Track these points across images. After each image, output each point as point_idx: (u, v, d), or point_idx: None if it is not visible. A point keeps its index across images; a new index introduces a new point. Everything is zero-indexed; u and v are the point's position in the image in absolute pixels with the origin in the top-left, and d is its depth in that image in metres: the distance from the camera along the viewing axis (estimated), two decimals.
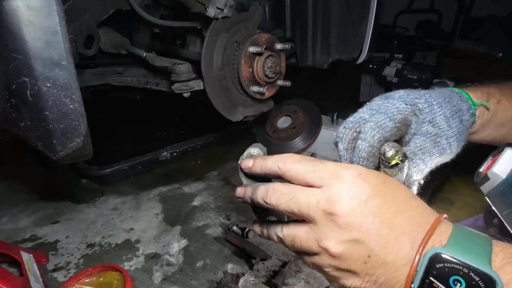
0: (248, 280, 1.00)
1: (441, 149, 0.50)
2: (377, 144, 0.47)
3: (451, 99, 0.53)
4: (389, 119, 0.48)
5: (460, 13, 3.09)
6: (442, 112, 0.51)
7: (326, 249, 0.38)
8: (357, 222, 0.37)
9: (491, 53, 2.40)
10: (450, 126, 0.51)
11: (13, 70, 0.57)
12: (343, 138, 0.50)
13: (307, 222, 0.40)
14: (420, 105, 0.50)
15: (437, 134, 0.50)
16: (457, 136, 0.52)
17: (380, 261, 0.37)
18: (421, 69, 1.87)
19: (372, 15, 1.21)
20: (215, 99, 1.04)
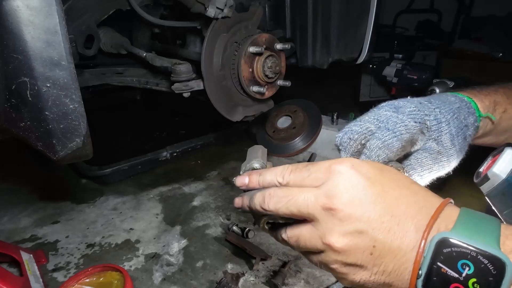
0: (248, 280, 1.00)
1: (440, 167, 0.51)
2: (381, 162, 0.47)
3: (459, 114, 0.52)
4: (396, 138, 0.46)
5: (460, 13, 3.09)
6: (449, 130, 0.50)
7: (330, 245, 0.37)
8: (357, 212, 0.36)
9: (491, 53, 2.39)
10: (453, 144, 0.51)
11: (13, 70, 0.58)
12: (347, 148, 0.49)
13: (309, 221, 0.40)
14: (429, 122, 0.49)
15: (439, 152, 0.50)
16: (458, 153, 0.52)
17: (386, 249, 0.36)
18: (421, 69, 1.87)
19: (372, 15, 1.22)
20: (215, 99, 1.04)
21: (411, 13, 3.14)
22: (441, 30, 3.15)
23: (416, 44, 2.71)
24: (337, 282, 0.95)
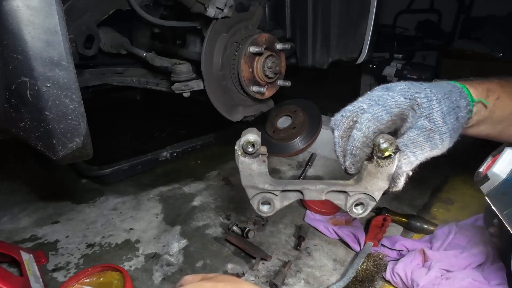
0: (248, 280, 1.00)
1: (433, 144, 0.51)
2: (372, 135, 0.49)
3: (451, 95, 0.54)
4: (386, 112, 0.49)
5: (460, 13, 3.09)
6: (440, 108, 0.52)
7: None
8: None
9: (491, 53, 2.39)
10: (445, 122, 0.52)
11: (13, 70, 0.58)
12: (339, 125, 0.51)
13: None
14: (419, 99, 0.51)
15: (431, 130, 0.51)
16: (451, 133, 0.53)
17: None
18: (421, 69, 1.87)
19: (372, 15, 1.22)
20: (215, 99, 1.04)
21: (411, 13, 3.14)
22: (441, 30, 3.15)
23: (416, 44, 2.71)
24: (337, 282, 0.96)
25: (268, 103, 1.22)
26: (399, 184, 0.52)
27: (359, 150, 0.50)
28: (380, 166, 0.49)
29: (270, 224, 1.24)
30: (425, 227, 1.13)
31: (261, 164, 0.52)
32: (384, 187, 0.52)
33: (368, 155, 0.51)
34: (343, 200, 0.54)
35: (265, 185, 0.52)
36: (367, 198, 0.53)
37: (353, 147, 0.50)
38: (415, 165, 0.52)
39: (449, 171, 1.64)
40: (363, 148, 0.50)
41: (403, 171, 0.51)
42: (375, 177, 0.50)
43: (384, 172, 0.50)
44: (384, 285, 0.96)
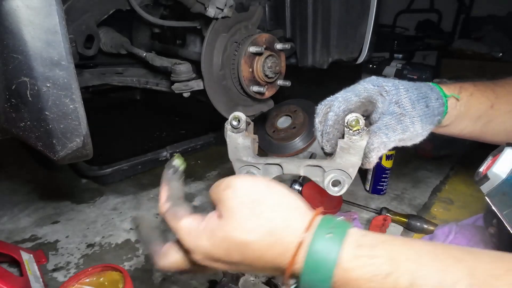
0: (248, 280, 1.00)
1: (404, 127, 0.56)
2: (342, 114, 0.55)
3: (420, 88, 0.59)
4: (355, 95, 0.56)
5: (460, 13, 3.09)
6: (408, 95, 0.57)
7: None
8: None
9: (491, 53, 2.40)
10: (414, 108, 0.56)
11: (13, 70, 0.57)
12: (319, 113, 0.58)
13: None
14: (387, 87, 0.57)
15: (401, 114, 0.56)
16: (422, 117, 0.57)
17: None
18: (421, 69, 1.87)
19: (372, 15, 1.21)
20: (215, 99, 1.04)
21: (411, 13, 3.14)
22: (441, 30, 3.15)
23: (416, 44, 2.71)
24: None
25: (268, 103, 1.22)
26: (371, 159, 0.56)
27: (331, 128, 0.56)
28: (351, 141, 0.54)
29: None
30: (425, 227, 1.13)
31: (246, 138, 0.57)
32: (357, 162, 0.55)
33: (341, 133, 0.56)
34: (321, 177, 0.58)
35: (249, 158, 0.57)
36: (343, 175, 0.57)
37: (327, 126, 0.56)
38: (389, 146, 0.56)
39: (449, 171, 1.64)
40: (335, 125, 0.56)
41: (375, 147, 0.55)
42: (347, 152, 0.55)
43: (356, 148, 0.54)
44: None
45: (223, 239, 0.39)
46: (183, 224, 0.43)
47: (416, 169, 1.65)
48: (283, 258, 0.37)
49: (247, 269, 0.41)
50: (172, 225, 0.45)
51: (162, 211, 0.47)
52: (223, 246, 0.39)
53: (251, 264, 0.39)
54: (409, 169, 1.66)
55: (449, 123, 0.63)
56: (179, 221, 0.44)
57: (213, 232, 0.40)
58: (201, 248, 0.40)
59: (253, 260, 0.39)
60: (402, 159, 1.58)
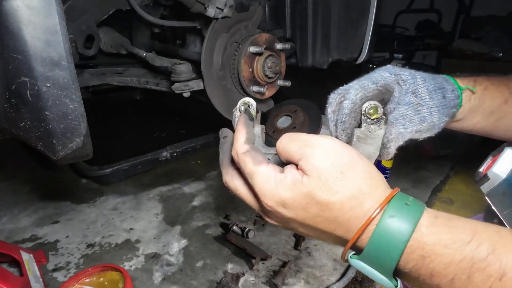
0: (248, 280, 1.00)
1: (421, 117, 0.54)
2: (359, 102, 0.52)
3: (436, 79, 0.57)
4: (372, 82, 0.53)
5: (460, 13, 3.09)
6: (425, 85, 0.55)
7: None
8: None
9: (491, 53, 2.40)
10: (432, 98, 0.55)
11: (13, 70, 0.57)
12: (332, 102, 0.56)
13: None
14: (404, 76, 0.54)
15: (419, 104, 0.54)
16: (439, 108, 0.55)
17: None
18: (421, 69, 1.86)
19: (372, 15, 1.21)
20: (215, 99, 1.04)
21: (411, 13, 3.14)
22: (441, 30, 3.15)
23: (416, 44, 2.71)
24: (337, 282, 0.96)
25: (268, 103, 1.22)
26: (390, 150, 0.54)
27: (348, 116, 0.53)
28: (368, 131, 0.51)
29: (270, 224, 1.24)
30: None
31: (256, 126, 0.55)
32: (374, 153, 0.53)
33: (358, 122, 0.53)
34: None
35: (259, 147, 0.55)
36: None
37: (343, 114, 0.53)
38: (406, 138, 0.54)
39: (449, 171, 1.64)
40: (351, 114, 0.53)
41: (393, 138, 0.53)
42: (364, 142, 0.52)
43: (373, 138, 0.52)
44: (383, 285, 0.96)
45: (306, 195, 0.39)
46: (262, 170, 0.42)
47: (416, 169, 1.65)
48: (357, 222, 0.39)
49: (313, 226, 0.41)
50: (249, 167, 0.43)
51: (240, 151, 0.45)
52: (303, 201, 0.40)
53: (323, 223, 0.40)
54: (409, 169, 1.66)
55: (462, 117, 0.61)
56: (258, 165, 0.43)
57: (295, 185, 0.40)
58: (277, 196, 0.41)
59: (327, 219, 0.40)
60: (402, 159, 1.58)
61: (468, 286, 0.34)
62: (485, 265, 0.34)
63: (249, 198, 0.46)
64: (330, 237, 0.43)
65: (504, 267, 0.33)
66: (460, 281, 0.35)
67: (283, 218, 0.42)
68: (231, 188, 0.49)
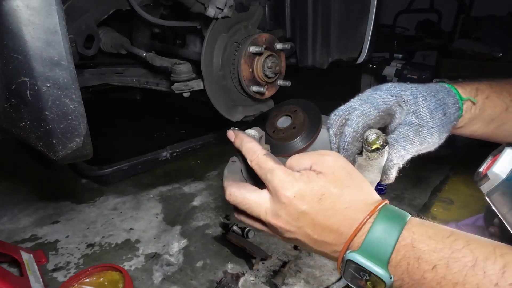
0: (248, 280, 1.00)
1: (422, 138, 0.55)
2: (361, 130, 0.53)
3: (437, 93, 0.57)
4: (373, 108, 0.53)
5: (460, 13, 3.09)
6: (426, 105, 0.55)
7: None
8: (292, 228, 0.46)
9: (491, 53, 2.39)
10: (432, 117, 0.55)
11: (13, 70, 0.57)
12: (333, 124, 0.56)
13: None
14: (406, 97, 0.55)
15: (419, 125, 0.54)
16: (439, 127, 0.56)
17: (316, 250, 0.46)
18: (421, 69, 1.87)
19: (372, 15, 1.21)
20: (215, 99, 1.04)
21: (411, 13, 3.14)
22: (441, 30, 3.15)
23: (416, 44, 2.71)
24: (337, 282, 0.95)
25: (268, 103, 1.22)
26: (390, 176, 0.55)
27: (350, 144, 0.53)
28: (370, 159, 0.52)
29: None
30: None
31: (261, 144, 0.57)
32: (375, 179, 0.54)
33: (359, 149, 0.54)
34: None
35: None
36: None
37: (345, 142, 0.53)
38: (407, 159, 0.55)
39: (449, 171, 1.64)
40: (354, 142, 0.53)
41: (394, 164, 0.53)
42: (366, 169, 0.53)
43: (374, 165, 0.52)
44: None
45: (322, 186, 0.44)
46: (283, 167, 0.47)
47: (416, 169, 1.65)
48: (360, 214, 0.43)
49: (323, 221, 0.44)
50: (270, 164, 0.47)
51: (262, 153, 0.49)
52: (319, 191, 0.44)
53: (333, 217, 0.44)
54: (409, 169, 1.65)
55: (462, 125, 0.62)
56: (280, 163, 0.48)
57: (312, 179, 0.45)
58: (296, 187, 0.44)
59: (337, 211, 0.44)
60: None
61: (447, 274, 0.39)
62: (461, 255, 0.39)
63: (257, 204, 0.47)
64: (331, 238, 0.44)
65: (476, 257, 0.39)
66: (442, 269, 0.39)
67: (296, 213, 0.44)
68: (236, 198, 0.49)
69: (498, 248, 0.40)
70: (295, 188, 0.44)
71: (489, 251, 0.40)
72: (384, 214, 0.43)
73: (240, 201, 0.49)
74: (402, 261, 0.41)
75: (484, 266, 0.38)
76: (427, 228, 0.43)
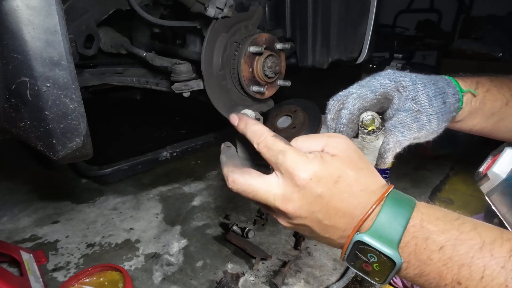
0: (248, 280, 1.00)
1: (420, 125, 0.54)
2: (357, 112, 0.53)
3: (437, 83, 0.57)
4: (370, 91, 0.53)
5: (460, 13, 3.09)
6: (425, 91, 0.55)
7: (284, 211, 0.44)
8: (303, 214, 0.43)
9: (491, 53, 2.39)
10: (431, 104, 0.55)
11: (13, 70, 0.57)
12: (331, 109, 0.56)
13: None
14: (404, 82, 0.54)
15: (418, 111, 0.54)
16: (438, 115, 0.55)
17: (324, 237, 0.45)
18: (421, 69, 1.86)
19: (372, 15, 1.21)
20: (215, 99, 1.04)
21: (411, 13, 3.14)
22: (441, 30, 3.15)
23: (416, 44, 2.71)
24: (337, 282, 0.96)
25: (268, 103, 1.22)
26: (386, 160, 0.54)
27: (345, 126, 0.53)
28: (365, 141, 0.52)
29: (270, 223, 1.24)
30: None
31: None
32: (371, 163, 0.53)
33: (355, 132, 0.54)
34: None
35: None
36: None
37: (341, 124, 0.54)
38: (404, 145, 0.54)
39: (449, 170, 1.64)
40: (349, 124, 0.53)
41: (390, 147, 0.53)
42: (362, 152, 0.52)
43: (370, 148, 0.52)
44: (384, 285, 0.96)
45: (338, 168, 0.42)
46: (295, 147, 0.45)
47: (416, 169, 1.65)
48: (374, 196, 0.43)
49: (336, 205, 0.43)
50: (281, 145, 0.44)
51: (270, 134, 0.46)
52: (335, 173, 0.42)
53: (348, 200, 0.43)
54: (409, 169, 1.66)
55: (461, 118, 0.61)
56: (290, 144, 0.45)
57: (327, 161, 0.43)
58: (311, 168, 0.42)
59: (353, 194, 0.43)
60: (402, 159, 1.58)
61: (454, 256, 0.39)
62: (468, 237, 0.39)
63: (264, 190, 0.45)
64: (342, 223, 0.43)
65: (483, 240, 0.39)
66: (449, 250, 0.39)
67: (312, 197, 0.42)
68: (242, 186, 0.46)
69: (505, 233, 0.40)
70: (311, 170, 0.42)
71: (496, 235, 0.40)
72: (394, 197, 0.43)
73: (245, 189, 0.46)
74: (411, 242, 0.41)
75: (491, 249, 0.38)
76: (435, 210, 0.43)
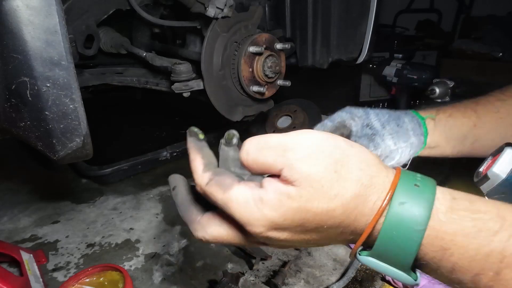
0: (248, 280, 1.00)
1: (375, 144, 0.66)
2: None
3: (394, 113, 0.69)
4: (329, 121, 0.70)
5: (460, 13, 3.09)
6: (377, 118, 0.67)
7: None
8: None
9: (491, 53, 2.39)
10: (384, 127, 0.66)
11: (13, 70, 0.57)
12: None
13: None
14: (358, 113, 0.69)
15: (373, 134, 0.66)
16: (393, 135, 0.66)
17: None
18: (421, 69, 1.87)
19: (372, 15, 1.21)
20: (215, 99, 1.04)
21: (411, 13, 3.14)
22: (441, 30, 3.15)
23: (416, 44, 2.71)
24: (337, 282, 0.96)
25: (268, 103, 1.22)
26: None
27: None
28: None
29: None
30: None
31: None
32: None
33: None
34: None
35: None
36: None
37: None
38: None
39: (449, 171, 1.64)
40: None
41: None
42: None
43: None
44: (384, 285, 0.96)
45: (298, 210, 0.32)
46: (236, 195, 0.35)
47: (415, 169, 1.65)
48: (364, 220, 0.33)
49: (316, 238, 0.35)
50: (219, 197, 0.36)
51: (203, 183, 0.40)
52: (296, 217, 0.33)
53: (327, 231, 0.34)
54: (409, 169, 1.65)
55: (435, 144, 0.70)
56: (229, 191, 0.35)
57: (282, 202, 0.32)
58: (264, 219, 0.33)
59: (331, 226, 0.34)
60: None
61: (496, 283, 0.29)
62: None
63: (236, 237, 0.38)
64: (337, 242, 0.38)
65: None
66: (487, 277, 0.29)
67: (281, 242, 0.35)
68: (210, 240, 0.40)
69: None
70: (262, 222, 0.33)
71: None
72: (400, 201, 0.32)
73: (218, 241, 0.40)
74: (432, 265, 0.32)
75: None
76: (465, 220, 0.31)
